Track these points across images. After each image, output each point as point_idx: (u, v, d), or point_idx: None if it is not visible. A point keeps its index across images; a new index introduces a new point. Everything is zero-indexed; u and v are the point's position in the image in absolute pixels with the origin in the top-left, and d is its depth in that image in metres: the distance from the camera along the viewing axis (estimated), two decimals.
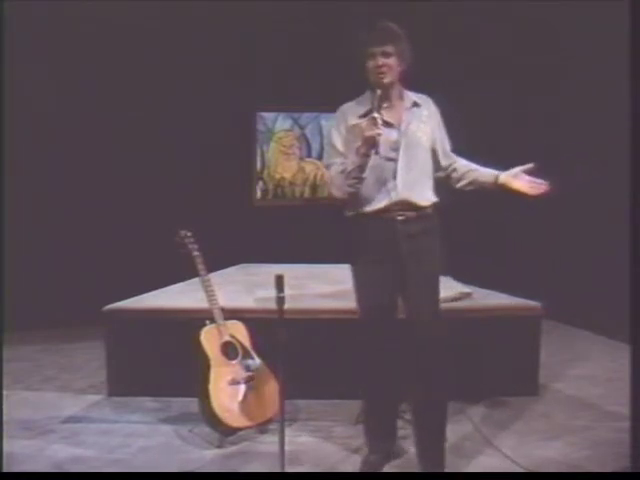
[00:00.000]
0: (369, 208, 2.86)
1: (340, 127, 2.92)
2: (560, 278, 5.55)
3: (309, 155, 6.73)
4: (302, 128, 6.70)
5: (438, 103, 3.02)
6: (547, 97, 5.76)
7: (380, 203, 2.84)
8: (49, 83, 5.54)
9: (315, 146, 6.71)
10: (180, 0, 5.65)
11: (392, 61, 2.82)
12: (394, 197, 2.82)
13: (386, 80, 2.82)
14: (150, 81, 5.80)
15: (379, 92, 2.76)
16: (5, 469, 2.88)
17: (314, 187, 6.75)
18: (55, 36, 5.50)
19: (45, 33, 5.46)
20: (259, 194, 6.69)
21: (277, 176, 6.72)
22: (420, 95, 2.98)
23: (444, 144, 3.01)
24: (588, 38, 5.23)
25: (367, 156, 2.73)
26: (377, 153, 2.73)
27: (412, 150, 2.86)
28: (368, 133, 2.68)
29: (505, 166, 2.98)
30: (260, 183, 6.69)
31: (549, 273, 5.66)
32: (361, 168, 2.76)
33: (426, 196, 2.90)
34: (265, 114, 6.61)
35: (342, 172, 2.81)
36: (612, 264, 4.58)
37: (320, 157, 6.70)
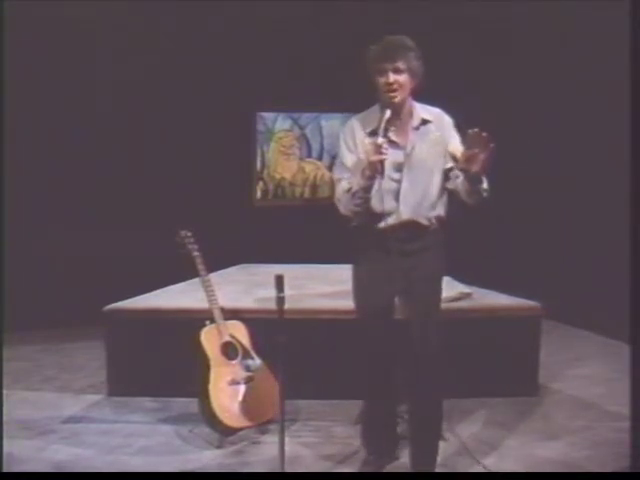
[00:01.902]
0: (377, 227, 2.83)
1: (348, 142, 2.87)
2: (560, 278, 5.55)
3: (309, 155, 6.73)
4: (302, 128, 6.70)
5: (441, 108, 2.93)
6: (547, 97, 5.76)
7: (382, 223, 2.81)
8: (49, 83, 5.53)
9: (315, 146, 6.71)
10: (180, 0, 5.65)
11: (403, 78, 2.72)
12: (396, 219, 2.80)
13: (397, 99, 2.74)
14: (150, 81, 5.80)
15: (388, 113, 2.69)
16: (5, 469, 2.89)
17: (314, 187, 6.74)
18: (55, 36, 5.49)
19: (45, 33, 5.45)
20: (259, 194, 6.69)
21: (277, 176, 6.71)
22: (432, 109, 2.88)
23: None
24: (588, 38, 5.24)
25: (372, 179, 2.69)
26: (382, 177, 2.71)
27: (416, 171, 2.79)
28: (373, 158, 2.64)
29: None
30: (260, 183, 6.69)
31: (549, 273, 5.66)
32: (366, 190, 2.72)
33: (429, 215, 2.83)
34: (265, 114, 6.61)
35: (348, 191, 2.77)
36: (612, 264, 4.59)
37: (320, 157, 6.71)
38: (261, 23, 5.91)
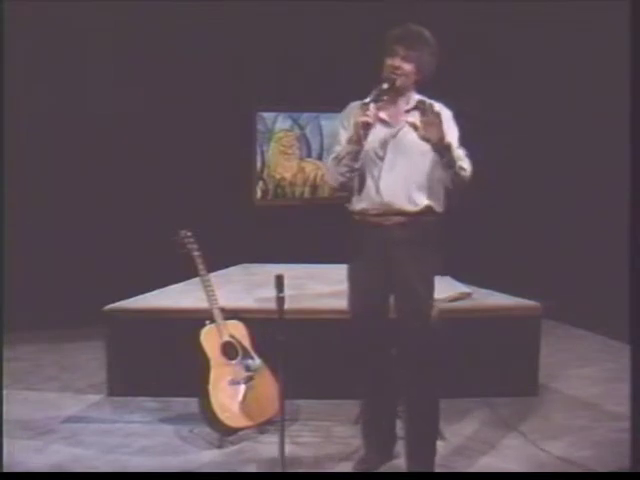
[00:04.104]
0: (356, 206, 2.86)
1: (344, 122, 2.89)
2: (560, 278, 5.55)
3: (309, 155, 6.73)
4: (302, 128, 6.69)
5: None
6: (548, 97, 5.76)
7: (363, 203, 2.83)
8: (48, 82, 5.53)
9: (315, 146, 6.71)
10: (180, 0, 5.65)
11: (410, 67, 2.76)
12: (376, 199, 2.80)
13: (397, 82, 2.77)
14: (150, 81, 5.80)
15: (385, 85, 2.74)
16: (5, 469, 2.88)
17: (314, 187, 6.74)
18: (55, 35, 5.49)
19: (44, 32, 5.45)
20: (259, 194, 6.69)
21: (277, 176, 6.71)
22: (432, 101, 2.86)
23: None
24: (588, 38, 5.24)
25: (358, 143, 2.71)
26: (366, 138, 2.70)
27: (401, 152, 2.80)
28: (358, 119, 2.69)
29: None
30: (260, 183, 6.68)
31: (549, 273, 5.66)
32: (351, 156, 2.74)
33: (414, 201, 2.80)
34: (265, 114, 6.60)
35: (335, 158, 2.80)
36: (612, 264, 4.59)
37: (320, 157, 6.70)
38: (261, 23, 5.91)
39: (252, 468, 3.12)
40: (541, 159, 5.85)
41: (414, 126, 2.72)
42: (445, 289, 4.12)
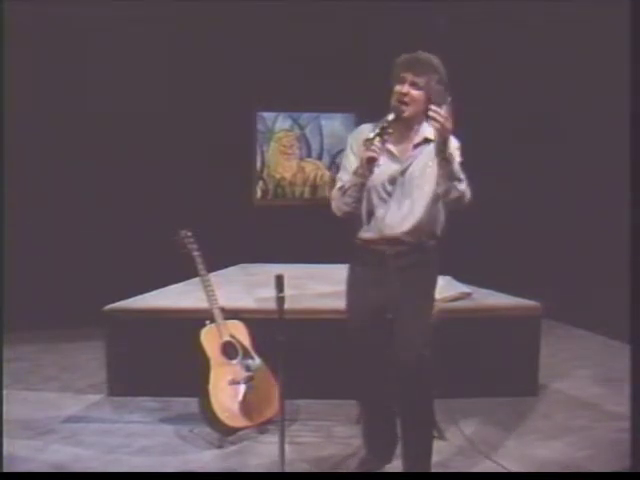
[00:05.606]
0: (361, 236, 2.86)
1: (353, 146, 2.86)
2: (560, 278, 5.55)
3: (309, 155, 6.73)
4: (302, 128, 6.69)
5: None
6: (548, 97, 5.76)
7: (368, 234, 2.84)
8: (48, 83, 5.53)
9: (315, 146, 6.71)
10: (180, 0, 5.65)
11: (419, 95, 2.71)
12: (381, 232, 2.81)
13: (405, 113, 2.72)
14: (150, 81, 5.80)
15: (391, 116, 2.68)
16: (5, 469, 2.88)
17: (314, 187, 6.74)
18: (55, 35, 5.50)
19: (45, 32, 5.46)
20: (259, 194, 6.69)
21: (277, 176, 6.71)
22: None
23: None
24: (588, 39, 5.24)
25: (363, 176, 2.70)
26: (371, 173, 2.68)
27: (409, 188, 2.79)
28: (362, 154, 2.66)
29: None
30: (260, 183, 6.69)
31: (549, 273, 5.66)
32: (357, 188, 2.73)
33: (418, 233, 2.81)
34: (265, 114, 6.61)
35: (340, 189, 2.79)
36: (612, 264, 4.59)
37: (320, 157, 6.71)
38: (262, 23, 5.91)
39: (252, 468, 3.12)
40: (541, 159, 5.84)
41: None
42: (445, 289, 4.12)
